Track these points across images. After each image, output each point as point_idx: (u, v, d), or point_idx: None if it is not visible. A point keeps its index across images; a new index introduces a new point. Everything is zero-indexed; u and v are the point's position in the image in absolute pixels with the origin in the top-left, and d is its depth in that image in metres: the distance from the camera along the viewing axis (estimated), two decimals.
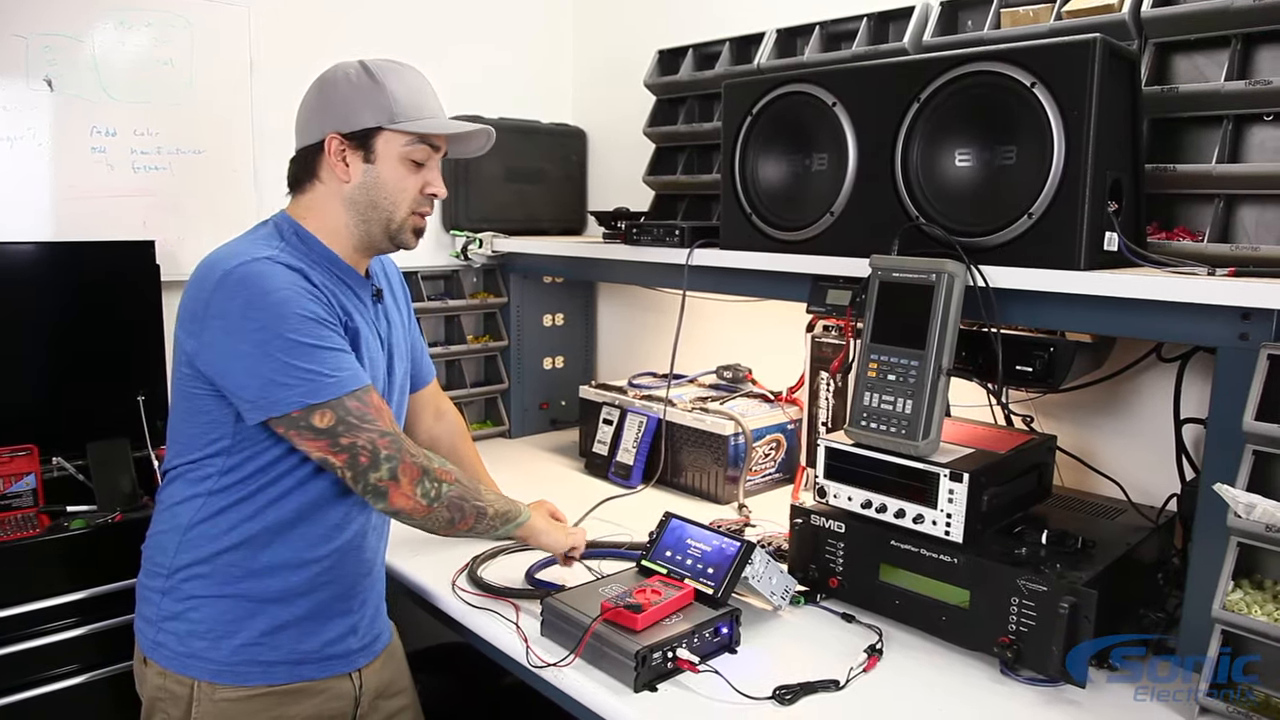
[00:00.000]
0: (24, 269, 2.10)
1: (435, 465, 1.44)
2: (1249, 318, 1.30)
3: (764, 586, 1.54)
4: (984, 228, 1.55)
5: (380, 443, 1.37)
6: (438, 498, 1.42)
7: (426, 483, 1.41)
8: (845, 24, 2.18)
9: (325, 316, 1.37)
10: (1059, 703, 1.34)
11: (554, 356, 2.98)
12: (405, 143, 1.45)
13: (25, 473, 2.01)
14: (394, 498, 1.39)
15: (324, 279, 1.43)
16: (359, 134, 1.44)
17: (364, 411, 1.37)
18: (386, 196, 1.47)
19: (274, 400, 1.33)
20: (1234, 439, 1.29)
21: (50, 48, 2.14)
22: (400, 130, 1.44)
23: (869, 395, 1.55)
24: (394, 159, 1.46)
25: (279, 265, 1.37)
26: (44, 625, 1.87)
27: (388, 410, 1.43)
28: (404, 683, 1.69)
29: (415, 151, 1.47)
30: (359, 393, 1.37)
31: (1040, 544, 1.49)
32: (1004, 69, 1.50)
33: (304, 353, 1.33)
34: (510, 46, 2.96)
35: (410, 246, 1.54)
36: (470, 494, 1.48)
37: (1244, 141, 1.62)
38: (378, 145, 1.45)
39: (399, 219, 1.49)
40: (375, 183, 1.46)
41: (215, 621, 1.43)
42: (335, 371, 1.35)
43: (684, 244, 2.10)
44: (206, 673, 1.43)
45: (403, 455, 1.39)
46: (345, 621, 1.53)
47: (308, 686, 1.49)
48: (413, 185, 1.48)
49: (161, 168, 2.31)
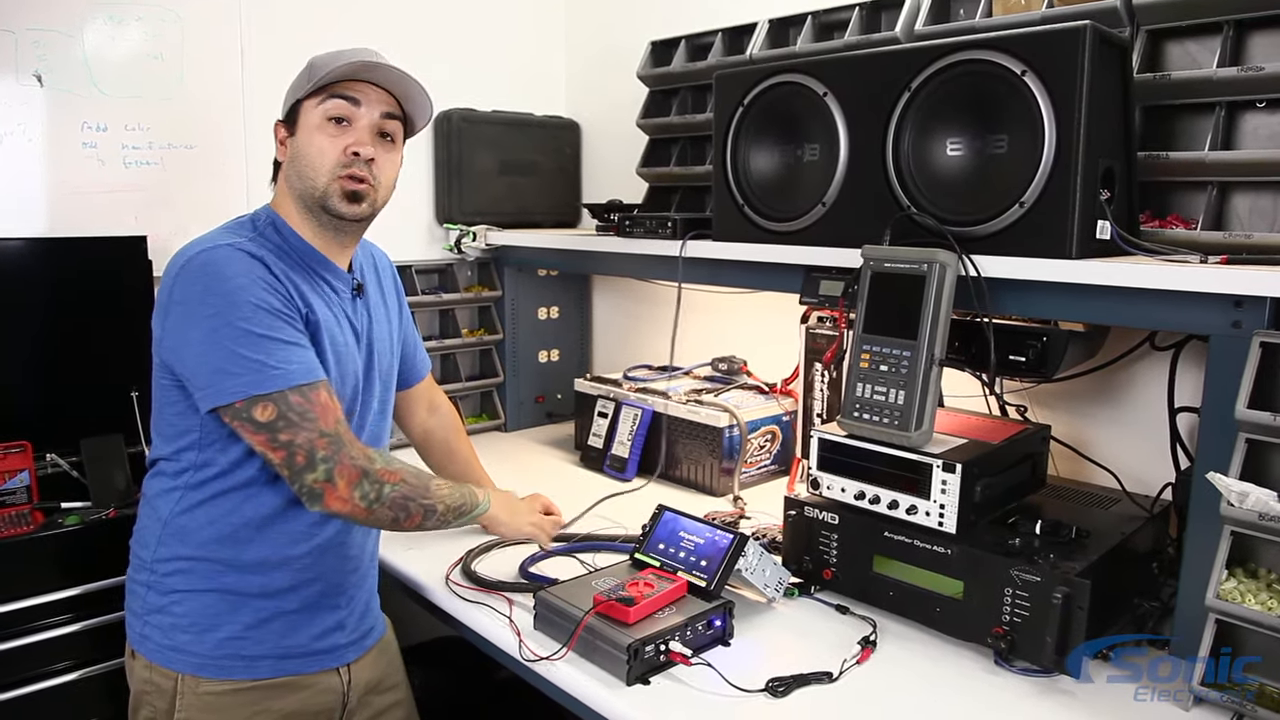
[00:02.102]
0: (16, 265, 2.10)
1: (377, 466, 1.40)
2: (1242, 305, 1.29)
3: (757, 579, 1.54)
4: (975, 217, 1.54)
5: (318, 443, 1.34)
6: (378, 499, 1.39)
7: (366, 485, 1.37)
8: (837, 14, 2.17)
9: (280, 307, 1.36)
10: (1053, 693, 1.34)
11: (549, 350, 2.98)
12: (316, 104, 1.44)
13: (19, 469, 2.01)
14: (329, 500, 1.36)
15: (287, 269, 1.42)
16: (289, 113, 1.47)
17: (306, 408, 1.34)
18: (308, 164, 1.44)
19: (219, 388, 1.32)
20: (1227, 427, 1.28)
21: (40, 43, 2.12)
22: (310, 92, 1.43)
23: (861, 386, 1.55)
24: (311, 126, 1.44)
25: (239, 252, 1.36)
26: (38, 622, 1.86)
27: (335, 409, 1.39)
28: (397, 678, 1.69)
29: (330, 108, 1.43)
30: (305, 388, 1.34)
31: (1034, 534, 1.48)
32: (994, 57, 1.49)
33: (252, 342, 1.32)
34: (503, 39, 2.94)
35: (347, 215, 1.46)
36: (417, 492, 1.45)
37: (1237, 128, 1.61)
38: (300, 117, 1.45)
39: (321, 185, 1.44)
40: (298, 153, 1.46)
41: (198, 615, 1.43)
42: (282, 364, 1.33)
43: (677, 236, 2.09)
44: (190, 666, 1.42)
45: (340, 457, 1.35)
46: (332, 617, 1.52)
47: (293, 681, 1.48)
48: (331, 147, 1.44)
49: (153, 163, 2.30)
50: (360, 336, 1.54)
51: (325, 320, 1.45)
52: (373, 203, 1.49)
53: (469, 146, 2.71)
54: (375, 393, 1.58)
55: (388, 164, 1.50)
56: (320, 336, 1.43)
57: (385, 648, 1.67)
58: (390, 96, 1.48)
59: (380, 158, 1.48)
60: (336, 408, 1.39)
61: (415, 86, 1.49)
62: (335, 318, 1.49)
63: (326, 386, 1.38)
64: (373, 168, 1.47)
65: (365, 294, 1.58)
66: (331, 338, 1.46)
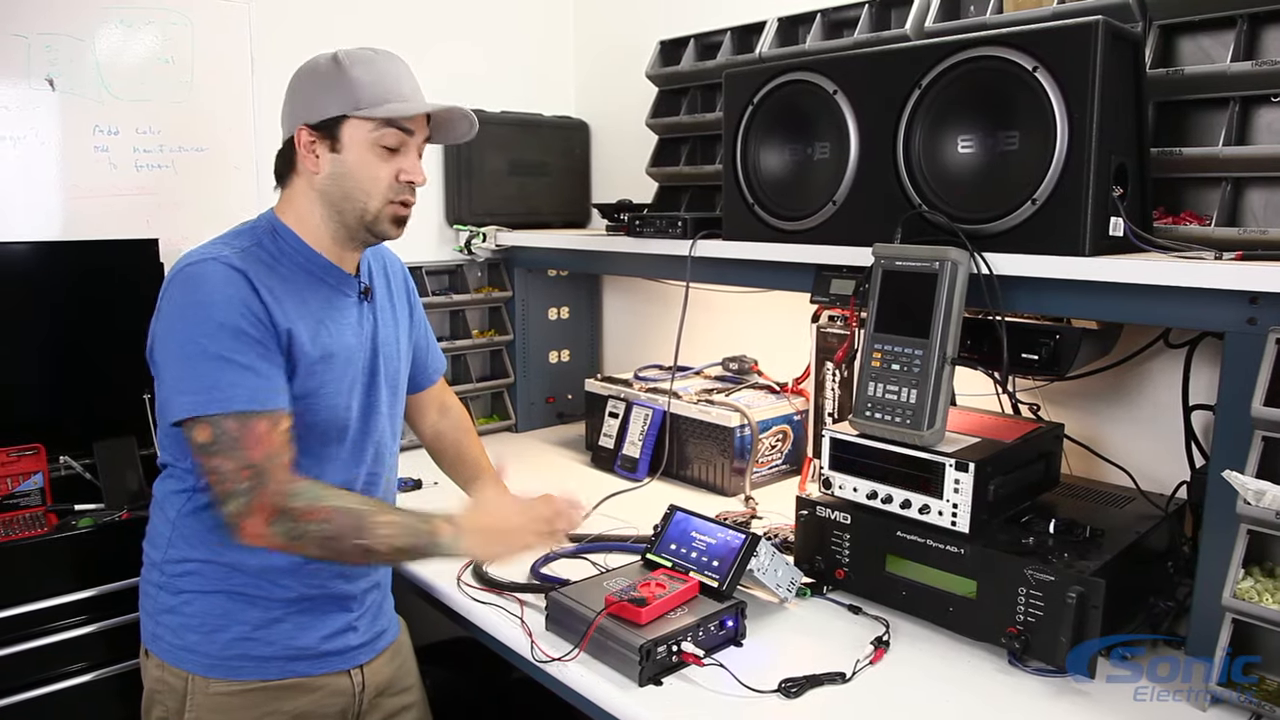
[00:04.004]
0: (29, 268, 2.11)
1: (298, 504, 1.30)
2: (1257, 302, 1.28)
3: (769, 579, 1.54)
4: (987, 214, 1.53)
5: (242, 474, 1.29)
6: (300, 537, 1.29)
7: (287, 522, 1.29)
8: (847, 11, 2.16)
9: (246, 328, 1.33)
10: (1067, 693, 1.33)
11: (559, 350, 2.98)
12: (371, 129, 1.41)
13: (32, 472, 2.02)
14: (244, 533, 1.30)
15: (277, 280, 1.40)
16: (325, 124, 1.41)
17: (239, 436, 1.29)
18: (358, 186, 1.43)
19: (173, 404, 1.31)
20: (1243, 425, 1.27)
21: (52, 47, 2.13)
22: (365, 116, 1.40)
23: (873, 385, 1.54)
24: (362, 147, 1.42)
25: (222, 266, 1.34)
26: (52, 624, 1.88)
27: (271, 442, 1.32)
28: (410, 680, 1.68)
29: (384, 137, 1.42)
30: (245, 415, 1.30)
31: (1048, 533, 1.47)
32: (1005, 53, 1.48)
33: (205, 362, 1.30)
34: (512, 39, 2.95)
35: (392, 236, 1.49)
36: (348, 532, 1.31)
37: (1251, 123, 1.59)
38: (344, 134, 1.41)
39: (374, 209, 1.44)
40: (345, 173, 1.42)
41: (208, 615, 1.43)
42: (227, 387, 1.30)
43: (687, 235, 2.09)
44: (200, 666, 1.43)
45: (259, 492, 1.29)
46: (343, 618, 1.52)
47: (303, 682, 1.48)
48: (385, 173, 1.43)
49: (164, 166, 2.31)
50: (366, 340, 1.53)
51: (319, 330, 1.43)
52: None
53: (478, 147, 2.71)
54: (382, 396, 1.56)
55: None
56: (294, 347, 1.39)
57: (399, 650, 1.66)
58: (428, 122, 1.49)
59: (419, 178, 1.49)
60: (274, 441, 1.32)
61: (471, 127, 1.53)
62: (337, 322, 1.47)
63: (272, 418, 1.33)
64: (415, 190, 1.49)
65: (373, 298, 1.56)
66: (327, 345, 1.44)
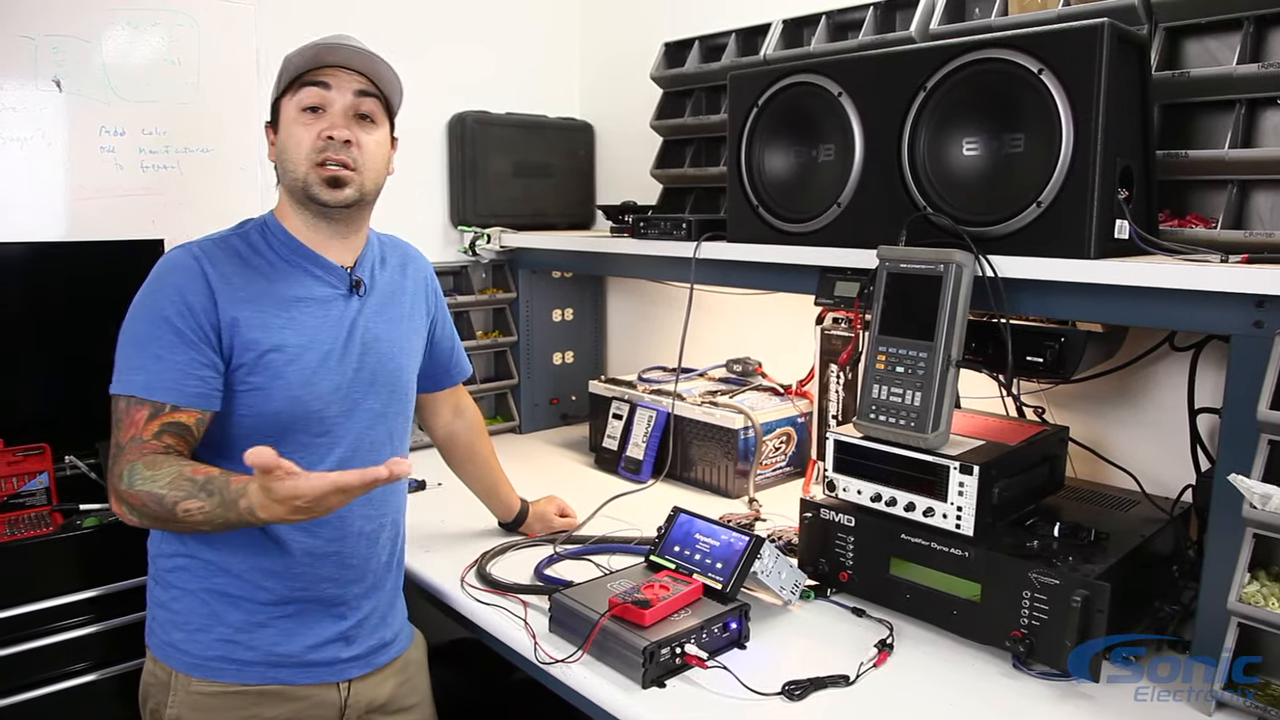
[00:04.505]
0: (35, 268, 2.12)
1: (122, 486, 1.30)
2: (1263, 305, 1.28)
3: (773, 581, 1.53)
4: (992, 217, 1.53)
5: (111, 454, 1.35)
6: (134, 512, 1.30)
7: (121, 504, 1.31)
8: (852, 13, 2.16)
9: (171, 316, 1.35)
10: (1072, 697, 1.33)
11: (563, 351, 2.98)
12: (291, 96, 1.44)
13: (38, 471, 2.02)
14: (113, 505, 1.34)
15: (240, 268, 1.41)
16: (273, 114, 1.48)
17: (120, 417, 1.35)
18: (287, 155, 1.44)
19: (111, 381, 1.37)
20: (1249, 429, 1.26)
21: (58, 48, 2.14)
22: (285, 89, 1.45)
23: (877, 388, 1.54)
24: (289, 119, 1.44)
25: (181, 252, 1.41)
26: (57, 623, 1.88)
27: (144, 428, 1.33)
28: (416, 698, 1.64)
29: (303, 98, 1.43)
30: (133, 400, 1.34)
31: (1053, 536, 1.47)
32: (1010, 56, 1.48)
33: (130, 343, 1.37)
34: (517, 42, 2.95)
35: (330, 201, 1.43)
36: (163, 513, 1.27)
37: (1257, 126, 1.59)
38: (281, 114, 1.46)
39: (301, 174, 1.42)
40: (281, 148, 1.46)
41: (192, 614, 1.43)
42: (132, 371, 1.35)
43: (691, 237, 2.09)
44: (183, 664, 1.43)
45: (112, 470, 1.34)
46: (334, 627, 1.49)
47: (284, 690, 1.46)
48: (306, 135, 1.42)
49: (170, 166, 2.31)
50: (353, 334, 1.49)
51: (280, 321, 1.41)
52: (359, 186, 1.45)
53: (483, 149, 2.72)
54: (375, 395, 1.51)
55: (370, 144, 1.46)
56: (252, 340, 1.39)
57: (405, 666, 1.62)
58: (362, 76, 1.46)
59: (361, 138, 1.45)
60: (145, 429, 1.33)
61: (379, 63, 1.47)
62: (312, 315, 1.45)
63: (157, 407, 1.34)
64: (353, 150, 1.44)
65: (368, 293, 1.52)
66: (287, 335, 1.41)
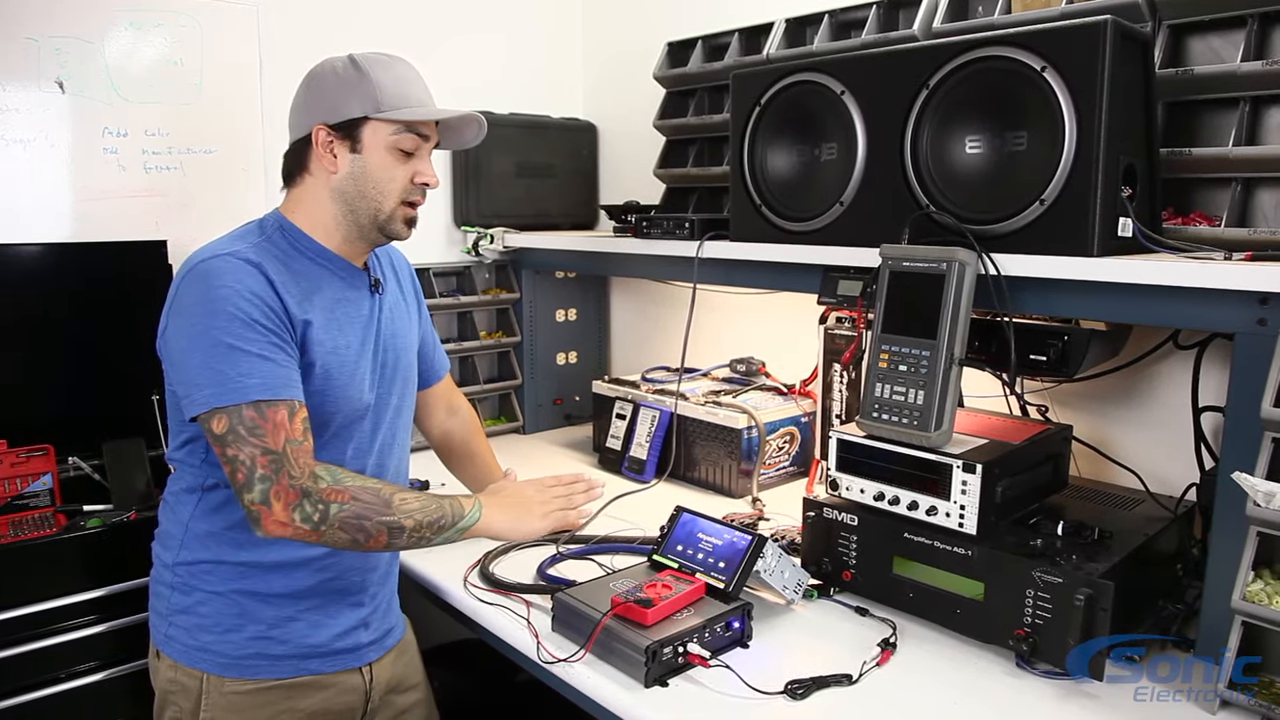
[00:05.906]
0: (39, 270, 2.12)
1: (322, 485, 1.32)
2: (1267, 302, 1.27)
3: (776, 580, 1.53)
4: (995, 215, 1.52)
5: (259, 461, 1.29)
6: (323, 521, 1.31)
7: (307, 506, 1.30)
8: (855, 12, 2.16)
9: (259, 318, 1.33)
10: (1076, 695, 1.32)
11: (567, 352, 2.98)
12: (391, 131, 1.44)
13: (42, 472, 2.03)
14: (266, 523, 1.30)
15: (292, 274, 1.42)
16: (345, 124, 1.44)
17: (256, 424, 1.29)
18: (374, 186, 1.46)
19: (191, 399, 1.32)
20: (1253, 427, 1.26)
21: (61, 50, 2.15)
22: (386, 119, 1.43)
23: (880, 386, 1.53)
24: (381, 148, 1.45)
25: (236, 260, 1.36)
26: (61, 623, 1.88)
27: (291, 429, 1.32)
28: (417, 678, 1.70)
29: (403, 140, 1.45)
30: (262, 404, 1.30)
31: (1056, 535, 1.46)
32: (1013, 53, 1.48)
33: (222, 353, 1.31)
34: (520, 41, 2.95)
35: (402, 237, 1.52)
36: (374, 510, 1.35)
37: (1261, 123, 1.59)
38: (364, 135, 1.44)
39: (387, 209, 1.47)
40: (362, 173, 1.45)
41: (222, 615, 1.44)
42: (243, 376, 1.30)
43: (694, 237, 2.09)
44: (215, 666, 1.44)
45: (279, 477, 1.29)
46: (355, 615, 1.54)
47: (316, 680, 1.49)
48: (401, 175, 1.47)
49: (173, 168, 2.32)
50: (378, 334, 1.54)
51: (331, 323, 1.45)
52: None
53: (486, 149, 2.68)
54: (395, 390, 1.58)
55: None
56: (309, 337, 1.41)
57: (405, 648, 1.68)
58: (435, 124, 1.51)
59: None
60: (294, 429, 1.33)
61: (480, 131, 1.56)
62: (349, 315, 1.49)
63: (290, 406, 1.33)
64: None
65: (384, 291, 1.58)
66: (340, 338, 1.46)
